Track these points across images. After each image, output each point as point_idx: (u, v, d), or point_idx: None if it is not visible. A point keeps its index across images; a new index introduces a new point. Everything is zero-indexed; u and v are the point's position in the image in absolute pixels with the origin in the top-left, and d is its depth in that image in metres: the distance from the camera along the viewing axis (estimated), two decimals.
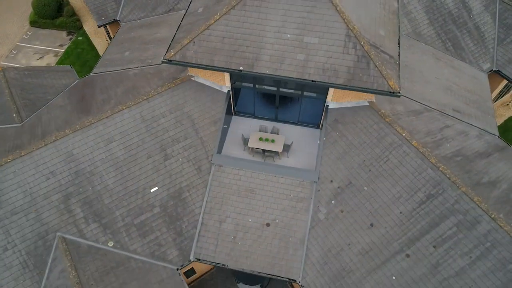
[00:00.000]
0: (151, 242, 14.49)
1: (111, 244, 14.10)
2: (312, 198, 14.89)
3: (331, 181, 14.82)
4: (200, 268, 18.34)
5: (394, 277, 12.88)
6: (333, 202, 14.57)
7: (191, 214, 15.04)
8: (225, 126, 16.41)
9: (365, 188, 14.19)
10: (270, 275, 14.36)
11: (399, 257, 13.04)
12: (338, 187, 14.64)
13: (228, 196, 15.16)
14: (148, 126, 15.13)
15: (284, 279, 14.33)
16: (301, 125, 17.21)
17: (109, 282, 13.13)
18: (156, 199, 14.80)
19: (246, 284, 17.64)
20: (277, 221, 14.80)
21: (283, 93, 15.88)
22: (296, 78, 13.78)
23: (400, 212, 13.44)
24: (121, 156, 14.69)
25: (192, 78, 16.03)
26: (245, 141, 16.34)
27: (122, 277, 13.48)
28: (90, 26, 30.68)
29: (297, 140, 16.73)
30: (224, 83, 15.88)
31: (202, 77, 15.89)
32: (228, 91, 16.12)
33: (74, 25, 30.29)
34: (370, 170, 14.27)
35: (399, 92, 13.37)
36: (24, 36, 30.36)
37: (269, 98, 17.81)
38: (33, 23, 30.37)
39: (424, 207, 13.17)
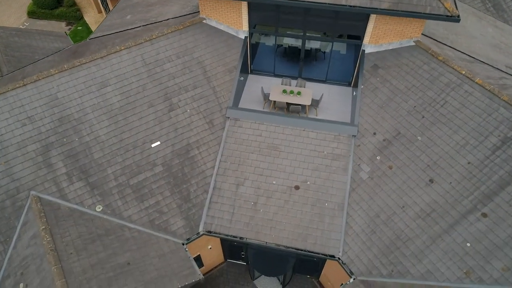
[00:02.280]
0: (150, 208, 11.49)
1: (99, 208, 11.11)
2: (350, 156, 12.05)
3: (374, 133, 12.06)
4: (209, 260, 15.11)
5: (468, 244, 9.79)
6: (378, 158, 11.72)
7: (201, 176, 12.14)
8: (241, 79, 13.86)
9: (419, 138, 11.40)
10: (302, 250, 11.23)
11: (472, 218, 10.01)
12: (384, 140, 11.85)
13: (247, 154, 12.34)
14: (150, 71, 12.59)
15: (319, 255, 11.19)
16: (330, 83, 14.66)
17: (94, 252, 10.02)
18: (158, 156, 11.96)
19: (265, 273, 14.33)
20: (308, 183, 11.87)
21: (309, 37, 13.46)
22: (329, 4, 11.41)
23: (468, 163, 10.56)
24: (117, 103, 12.03)
25: (204, 21, 13.70)
26: (266, 96, 13.73)
27: (111, 247, 10.37)
28: (90, 17, 29.04)
29: (326, 98, 14.12)
30: (241, 27, 13.52)
31: (216, 19, 13.55)
32: (246, 37, 13.73)
33: (74, 15, 28.64)
34: (423, 117, 11.54)
35: (458, 16, 10.96)
36: (21, 26, 28.59)
37: (291, 53, 15.42)
38: (31, 14, 28.75)
39: (500, 154, 10.32)
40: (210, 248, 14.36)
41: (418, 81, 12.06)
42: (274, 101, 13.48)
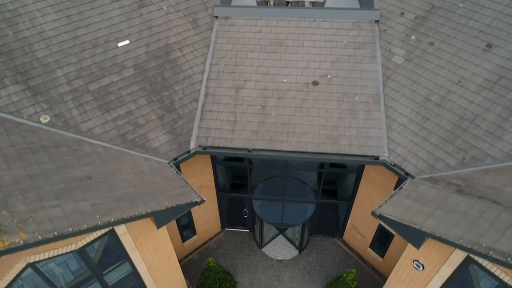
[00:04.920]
0: (119, 120, 8.28)
1: (45, 119, 7.78)
2: (376, 42, 9.51)
3: (402, 13, 9.64)
4: (203, 225, 11.80)
5: None
6: (413, 37, 9.21)
7: (188, 82, 9.14)
8: None
9: (460, 5, 9.06)
10: (333, 154, 8.26)
11: None
12: (416, 18, 9.43)
13: (245, 53, 9.53)
14: None
15: (357, 159, 8.25)
16: None
17: (34, 163, 6.61)
18: (128, 57, 8.93)
19: (278, 224, 11.13)
20: (329, 76, 9.12)
21: None
22: None
23: None
24: None
25: None
26: None
27: (63, 160, 6.99)
28: None
29: None
30: None
31: None
32: None
33: None
34: None
35: None
36: None
37: None
38: None
39: None
40: (204, 200, 11.00)
41: None
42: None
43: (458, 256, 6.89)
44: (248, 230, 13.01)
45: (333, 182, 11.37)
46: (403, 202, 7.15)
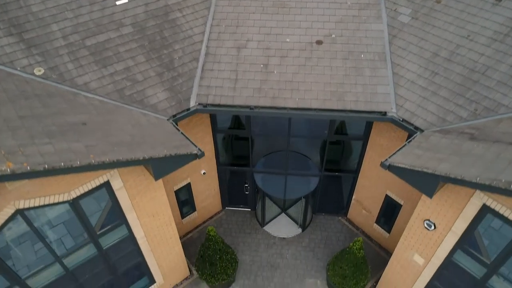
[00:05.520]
0: (117, 75, 7.97)
1: (39, 71, 7.47)
2: (381, 3, 9.27)
3: None
4: (203, 202, 11.43)
5: None
6: None
7: (188, 42, 8.87)
8: None
9: None
10: (339, 111, 7.94)
11: None
12: None
13: (246, 15, 9.28)
14: None
15: (363, 116, 7.93)
16: None
17: (26, 106, 6.27)
18: (126, 16, 8.66)
19: (281, 196, 10.75)
20: (333, 36, 8.85)
21: None
22: None
23: None
24: None
25: None
26: None
27: (56, 107, 6.66)
28: None
29: None
30: None
31: None
32: None
33: None
34: None
35: None
36: None
37: None
38: None
39: None
40: (204, 173, 10.69)
41: None
42: None
43: (473, 207, 6.53)
44: (249, 209, 12.61)
45: (337, 152, 11.00)
46: (413, 151, 6.81)
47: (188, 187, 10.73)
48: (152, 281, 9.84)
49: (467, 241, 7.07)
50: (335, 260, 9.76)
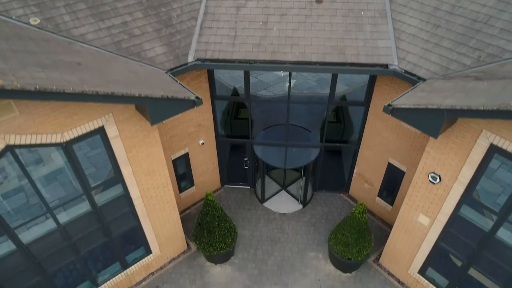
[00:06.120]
0: (114, 29, 7.84)
1: (35, 21, 7.34)
2: None
3: None
4: (201, 176, 11.19)
5: None
6: None
7: (186, 1, 8.77)
8: None
9: None
10: (340, 64, 7.79)
11: None
12: None
13: None
14: None
15: (365, 69, 7.79)
16: None
17: (21, 45, 6.10)
18: None
19: (281, 166, 10.50)
20: None
21: None
22: None
23: None
24: None
25: None
26: None
27: (50, 48, 6.50)
28: None
29: None
30: None
31: None
32: None
33: None
34: None
35: None
36: None
37: None
38: None
39: None
40: (202, 143, 10.49)
41: None
42: None
43: (479, 149, 6.31)
44: (248, 187, 12.35)
45: (338, 126, 10.83)
46: (417, 94, 6.64)
47: (186, 157, 10.51)
48: (149, 251, 9.53)
49: (474, 191, 6.84)
50: (337, 228, 9.47)
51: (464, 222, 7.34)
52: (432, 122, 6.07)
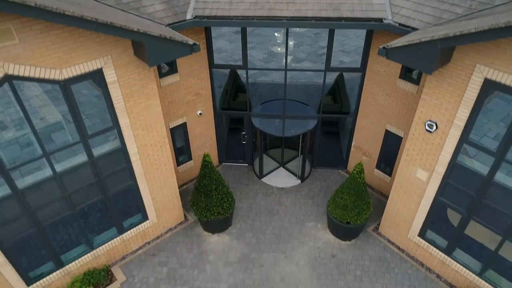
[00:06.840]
0: None
1: None
2: None
3: None
4: (200, 150, 11.15)
5: None
6: None
7: None
8: None
9: None
10: (335, 19, 7.95)
11: None
12: None
13: None
14: None
15: (360, 23, 7.93)
16: None
17: None
18: None
19: (279, 134, 10.49)
20: None
21: None
22: None
23: None
24: None
25: None
26: None
27: None
28: None
29: None
30: None
31: None
32: None
33: None
34: None
35: None
36: None
37: None
38: None
39: None
40: (200, 113, 10.56)
41: None
42: None
43: (474, 86, 6.38)
44: (247, 164, 12.32)
45: (334, 91, 10.92)
46: (411, 36, 6.75)
47: (184, 128, 10.53)
48: (145, 217, 9.41)
49: (470, 135, 6.86)
50: (335, 193, 9.40)
51: (462, 170, 7.32)
52: (427, 57, 6.16)
